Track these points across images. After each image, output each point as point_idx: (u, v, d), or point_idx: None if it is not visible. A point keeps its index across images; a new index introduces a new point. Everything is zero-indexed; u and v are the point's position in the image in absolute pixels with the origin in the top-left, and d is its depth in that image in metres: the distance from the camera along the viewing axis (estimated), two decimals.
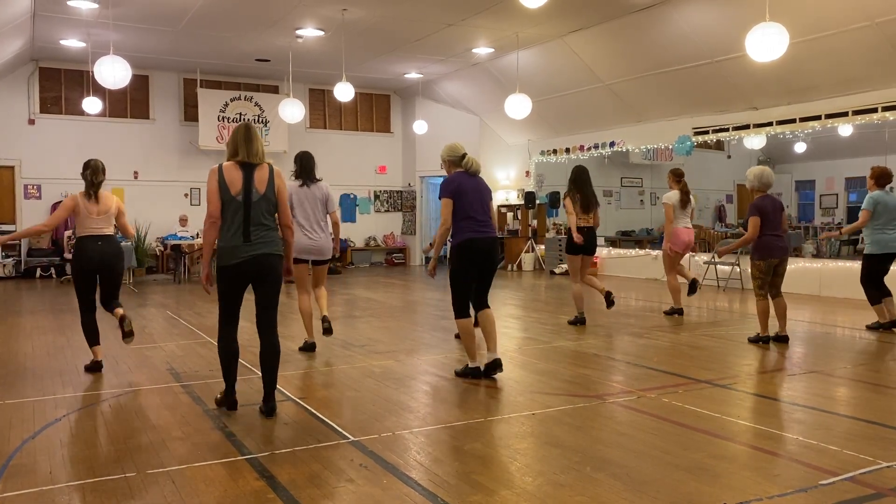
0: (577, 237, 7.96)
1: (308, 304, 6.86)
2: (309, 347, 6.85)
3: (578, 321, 8.21)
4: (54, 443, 4.11)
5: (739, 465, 3.66)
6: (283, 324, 7.40)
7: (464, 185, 5.58)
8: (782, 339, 6.91)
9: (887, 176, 7.58)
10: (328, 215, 6.76)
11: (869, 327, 7.71)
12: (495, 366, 5.60)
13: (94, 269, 5.96)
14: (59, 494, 3.35)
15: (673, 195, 8.76)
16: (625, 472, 3.54)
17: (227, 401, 4.76)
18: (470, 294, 5.65)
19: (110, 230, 6.01)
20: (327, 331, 6.93)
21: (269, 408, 4.65)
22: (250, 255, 4.55)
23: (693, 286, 8.86)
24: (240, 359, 4.72)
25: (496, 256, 5.72)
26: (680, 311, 8.88)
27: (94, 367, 6.02)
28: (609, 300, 8.35)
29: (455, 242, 5.62)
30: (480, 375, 5.59)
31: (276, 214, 4.69)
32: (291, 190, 6.64)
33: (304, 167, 6.66)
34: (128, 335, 6.12)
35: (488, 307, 5.73)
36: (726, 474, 3.51)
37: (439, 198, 5.68)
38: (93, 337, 6.06)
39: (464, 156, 5.68)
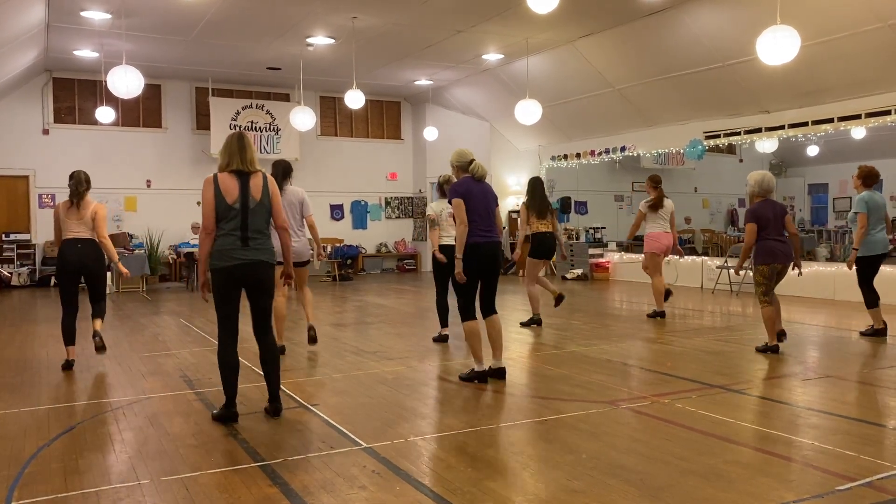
0: (518, 249, 8.41)
1: (283, 306, 6.90)
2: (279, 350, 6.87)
3: (534, 322, 8.65)
4: (69, 450, 4.13)
5: (754, 470, 3.63)
6: (289, 329, 7.43)
7: (472, 189, 5.66)
8: (780, 336, 6.82)
9: (874, 176, 7.44)
10: (304, 219, 6.83)
11: (863, 333, 7.49)
12: (499, 375, 5.72)
13: (73, 271, 6.37)
14: (74, 501, 3.37)
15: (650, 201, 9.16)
16: (639, 478, 3.52)
17: (228, 413, 4.63)
18: (474, 297, 5.72)
19: (90, 234, 6.43)
20: (312, 340, 7.08)
21: (274, 408, 4.73)
22: (246, 261, 4.60)
23: (559, 300, 9.01)
24: (244, 361, 4.72)
25: (499, 261, 5.82)
26: (662, 314, 9.10)
27: (67, 366, 6.39)
28: (558, 301, 8.88)
29: None
30: (486, 380, 5.62)
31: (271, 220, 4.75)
32: None
33: (283, 173, 6.73)
34: (99, 349, 6.47)
35: (495, 313, 5.83)
36: (741, 480, 3.48)
37: (449, 201, 5.75)
38: (69, 337, 6.44)
39: (471, 161, 5.78)
